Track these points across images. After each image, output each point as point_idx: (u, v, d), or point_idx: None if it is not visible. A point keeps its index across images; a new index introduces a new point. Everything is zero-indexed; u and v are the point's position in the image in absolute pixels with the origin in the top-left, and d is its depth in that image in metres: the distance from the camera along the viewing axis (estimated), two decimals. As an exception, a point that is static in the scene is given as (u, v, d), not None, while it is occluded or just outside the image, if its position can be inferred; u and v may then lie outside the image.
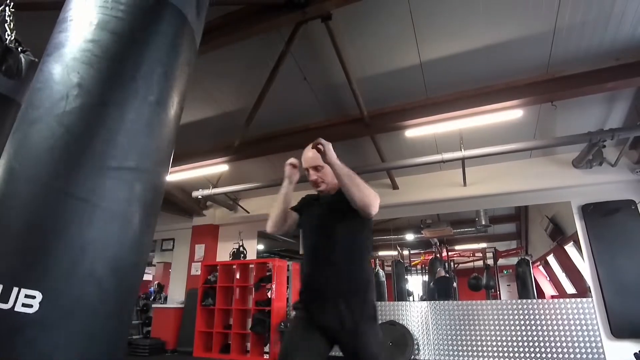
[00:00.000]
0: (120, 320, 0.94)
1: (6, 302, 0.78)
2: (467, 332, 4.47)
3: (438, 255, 8.45)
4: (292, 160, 1.65)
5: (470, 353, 4.38)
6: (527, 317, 4.24)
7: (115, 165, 0.94)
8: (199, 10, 1.26)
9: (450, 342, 4.51)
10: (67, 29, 1.04)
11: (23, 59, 1.88)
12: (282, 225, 1.63)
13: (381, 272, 8.20)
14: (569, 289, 7.00)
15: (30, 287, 0.80)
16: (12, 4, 1.90)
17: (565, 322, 4.05)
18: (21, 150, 0.92)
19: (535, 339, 4.12)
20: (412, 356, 4.53)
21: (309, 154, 1.68)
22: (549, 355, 4.00)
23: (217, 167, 4.72)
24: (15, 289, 0.79)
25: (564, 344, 3.98)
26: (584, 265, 4.35)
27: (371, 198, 1.47)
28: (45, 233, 0.85)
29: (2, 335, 0.77)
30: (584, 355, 3.87)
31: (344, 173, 1.49)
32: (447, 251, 8.93)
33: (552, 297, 7.76)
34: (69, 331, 0.82)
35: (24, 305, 0.78)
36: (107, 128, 0.95)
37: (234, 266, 5.76)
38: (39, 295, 0.80)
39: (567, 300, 4.21)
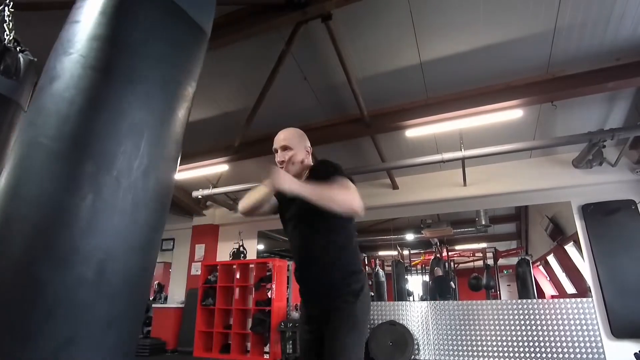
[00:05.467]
0: (125, 323, 0.93)
1: None
2: (467, 332, 4.47)
3: (438, 255, 8.45)
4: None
5: (470, 353, 4.38)
6: (527, 317, 4.24)
7: (122, 165, 0.94)
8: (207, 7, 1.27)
9: (450, 342, 4.51)
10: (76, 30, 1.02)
11: (22, 59, 1.88)
12: (254, 212, 1.60)
13: (381, 272, 8.20)
14: (569, 289, 7.00)
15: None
16: (11, 4, 1.90)
17: (566, 322, 4.05)
18: (25, 150, 0.92)
19: (536, 339, 4.12)
20: (412, 356, 4.53)
21: (280, 135, 1.63)
22: (549, 355, 4.00)
23: (217, 167, 4.72)
24: None
25: (564, 344, 3.98)
26: (584, 265, 4.35)
27: (347, 204, 1.30)
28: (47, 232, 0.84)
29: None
30: (584, 355, 3.87)
31: (309, 194, 1.30)
32: (447, 251, 8.93)
33: (552, 297, 7.76)
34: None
35: None
36: (112, 128, 0.94)
37: (234, 266, 5.75)
38: None
39: (567, 300, 4.21)
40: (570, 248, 5.96)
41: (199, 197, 5.27)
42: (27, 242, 0.83)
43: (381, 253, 10.16)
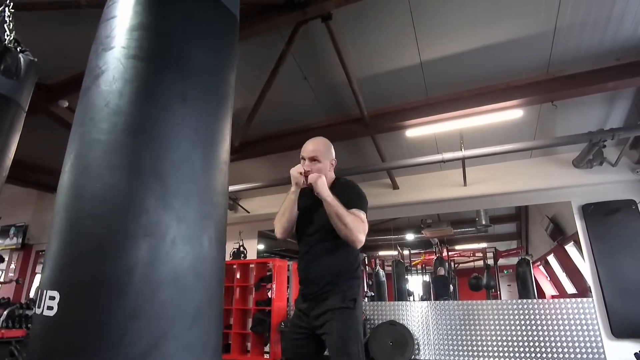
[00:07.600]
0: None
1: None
2: (467, 332, 4.46)
3: (438, 255, 8.44)
4: (299, 168, 1.66)
5: (470, 353, 4.38)
6: (527, 317, 4.23)
7: (179, 150, 0.92)
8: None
9: (450, 342, 4.51)
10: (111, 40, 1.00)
11: (22, 59, 1.88)
12: (292, 230, 1.69)
13: (381, 272, 8.20)
14: (570, 288, 6.99)
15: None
16: (11, 4, 1.90)
17: (566, 322, 4.05)
18: (82, 149, 0.91)
19: (536, 339, 4.12)
20: (412, 356, 4.52)
21: (310, 146, 1.70)
22: (549, 355, 4.00)
23: (217, 167, 4.71)
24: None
25: (564, 344, 3.98)
26: (584, 265, 4.35)
27: (355, 234, 1.48)
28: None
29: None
30: (584, 355, 3.87)
31: (333, 211, 1.49)
32: (448, 251, 8.93)
33: (553, 297, 7.76)
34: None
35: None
36: (164, 115, 0.93)
37: (234, 266, 5.75)
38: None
39: (568, 300, 4.21)
40: (570, 248, 5.96)
41: (199, 197, 5.27)
42: (100, 241, 0.80)
43: (381, 253, 10.15)
